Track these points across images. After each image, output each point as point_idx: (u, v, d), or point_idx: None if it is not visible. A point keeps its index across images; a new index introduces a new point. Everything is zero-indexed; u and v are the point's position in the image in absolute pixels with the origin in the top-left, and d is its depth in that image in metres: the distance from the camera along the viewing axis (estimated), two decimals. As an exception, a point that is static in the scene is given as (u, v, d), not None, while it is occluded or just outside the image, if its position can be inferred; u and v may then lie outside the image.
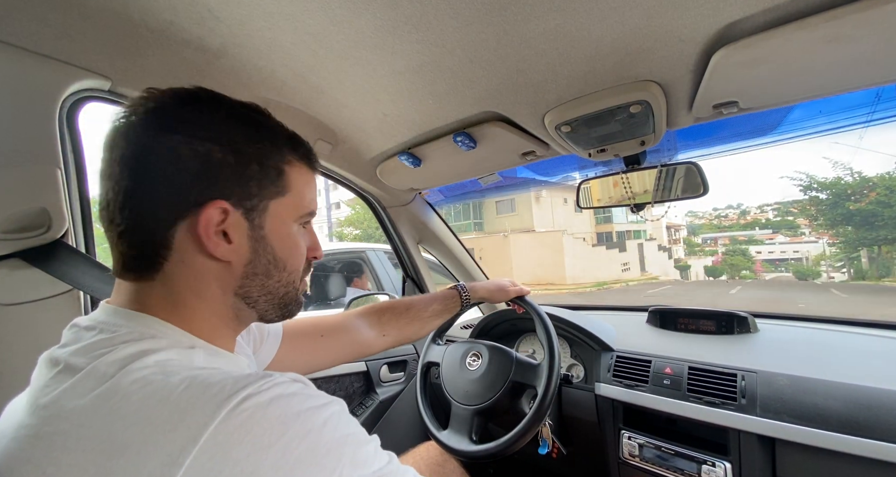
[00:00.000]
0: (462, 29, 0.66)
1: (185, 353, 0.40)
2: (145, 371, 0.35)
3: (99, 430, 0.32)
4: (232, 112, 0.45)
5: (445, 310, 1.04)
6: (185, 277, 0.43)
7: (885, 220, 18.17)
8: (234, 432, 0.32)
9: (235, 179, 0.43)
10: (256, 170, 0.44)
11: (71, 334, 0.41)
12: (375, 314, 0.95)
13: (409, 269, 1.66)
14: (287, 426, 0.33)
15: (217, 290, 0.45)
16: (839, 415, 0.77)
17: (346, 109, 0.98)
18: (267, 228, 0.46)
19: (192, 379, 0.34)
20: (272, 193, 0.46)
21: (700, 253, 38.91)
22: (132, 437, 0.31)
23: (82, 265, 0.76)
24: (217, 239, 0.42)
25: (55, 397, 0.35)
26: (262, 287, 0.47)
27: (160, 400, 0.33)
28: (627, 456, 1.02)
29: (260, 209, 0.45)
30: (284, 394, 0.35)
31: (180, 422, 0.32)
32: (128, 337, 0.39)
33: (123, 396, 0.33)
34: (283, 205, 0.47)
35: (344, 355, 0.88)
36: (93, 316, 0.43)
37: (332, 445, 0.35)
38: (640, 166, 1.09)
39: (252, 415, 0.33)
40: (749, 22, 0.61)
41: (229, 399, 0.33)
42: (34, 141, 0.73)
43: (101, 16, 0.67)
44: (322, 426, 0.35)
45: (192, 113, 0.42)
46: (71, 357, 0.37)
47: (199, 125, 0.42)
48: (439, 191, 1.63)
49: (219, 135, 0.42)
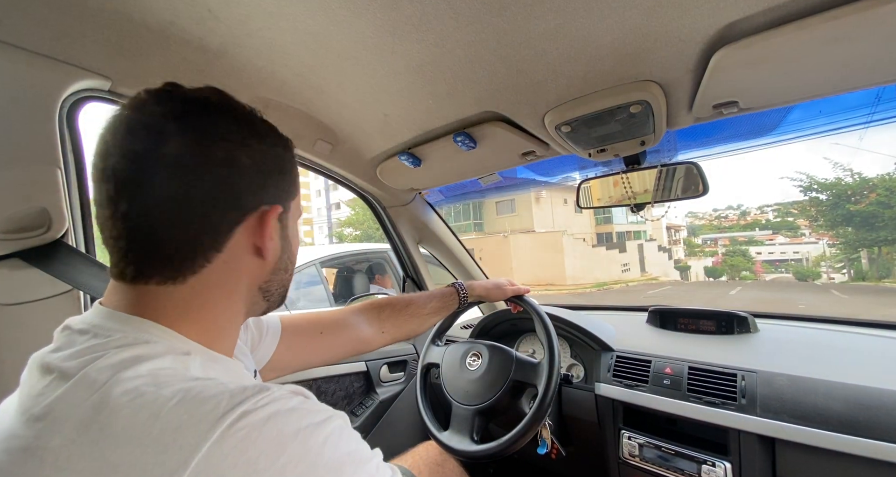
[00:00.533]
0: (462, 29, 0.66)
1: (179, 359, 0.38)
2: (137, 381, 0.34)
3: (89, 448, 0.31)
4: (250, 118, 0.45)
5: (444, 307, 1.05)
6: (223, 278, 0.43)
7: (886, 221, 18.15)
8: (227, 455, 0.30)
9: (281, 184, 0.47)
10: (287, 173, 0.48)
11: (64, 338, 0.40)
12: (374, 311, 0.95)
13: (409, 268, 1.66)
14: (284, 447, 0.32)
15: (244, 287, 0.46)
16: (839, 415, 0.77)
17: (346, 109, 0.98)
18: (290, 228, 0.50)
19: (186, 392, 0.33)
20: (293, 195, 0.49)
21: (700, 254, 38.92)
22: (122, 458, 0.30)
23: (82, 265, 0.76)
24: (271, 241, 0.45)
25: (47, 408, 0.33)
26: (280, 281, 0.50)
27: (151, 415, 0.32)
28: (627, 456, 1.02)
29: (286, 210, 0.48)
30: (282, 410, 0.34)
31: (171, 443, 0.30)
32: (121, 342, 0.37)
33: (112, 411, 0.32)
34: (296, 204, 0.50)
35: (343, 352, 0.88)
36: (86, 318, 0.41)
37: (332, 466, 0.34)
38: (640, 166, 1.09)
39: (248, 435, 0.31)
40: (749, 22, 0.61)
41: (224, 417, 0.32)
42: (34, 141, 0.73)
43: (101, 16, 0.67)
44: (322, 445, 0.34)
45: (228, 119, 0.43)
46: (63, 363, 0.36)
47: (235, 131, 0.42)
48: (439, 191, 1.63)
49: (252, 140, 0.43)
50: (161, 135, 0.38)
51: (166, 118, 0.39)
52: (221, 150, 0.40)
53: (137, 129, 0.38)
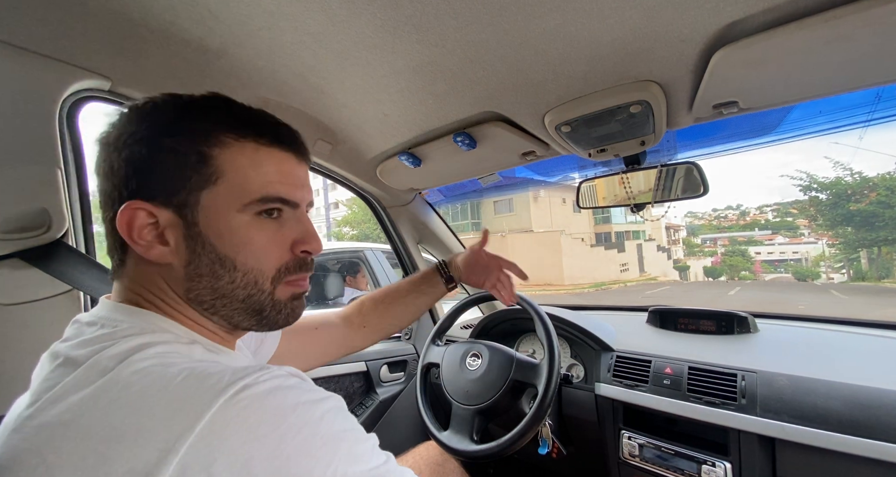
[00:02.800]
0: (462, 29, 0.66)
1: (184, 347, 0.40)
2: (145, 363, 0.35)
3: (99, 419, 0.32)
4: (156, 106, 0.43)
5: (426, 284, 0.96)
6: (140, 278, 0.43)
7: (886, 220, 18.06)
8: (230, 422, 0.32)
9: (157, 176, 0.40)
10: (172, 160, 0.40)
11: (73, 330, 0.41)
12: (356, 307, 0.93)
13: (409, 268, 1.66)
14: (284, 417, 0.33)
15: (173, 294, 0.43)
16: (839, 415, 0.77)
17: (346, 109, 0.98)
18: (202, 224, 0.41)
19: (191, 370, 0.35)
20: (199, 184, 0.41)
21: (699, 254, 38.91)
22: (130, 425, 0.32)
23: (82, 265, 0.76)
24: (146, 241, 0.40)
25: (58, 390, 0.35)
26: (212, 290, 0.43)
27: (159, 389, 0.33)
28: (627, 456, 1.02)
29: (191, 204, 0.41)
30: (282, 386, 0.35)
31: (178, 410, 0.32)
32: (129, 331, 0.39)
33: (123, 387, 0.34)
34: (216, 194, 0.41)
35: (331, 352, 0.87)
36: (94, 312, 0.43)
37: (329, 438, 0.35)
38: (640, 166, 1.09)
39: (249, 405, 0.33)
40: (749, 22, 0.61)
41: (226, 389, 0.33)
42: (34, 141, 0.73)
43: (101, 16, 0.67)
44: (319, 420, 0.35)
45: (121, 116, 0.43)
46: (72, 351, 0.38)
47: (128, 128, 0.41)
48: (439, 191, 1.63)
49: (139, 132, 0.41)
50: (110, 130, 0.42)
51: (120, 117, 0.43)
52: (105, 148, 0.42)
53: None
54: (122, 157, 0.41)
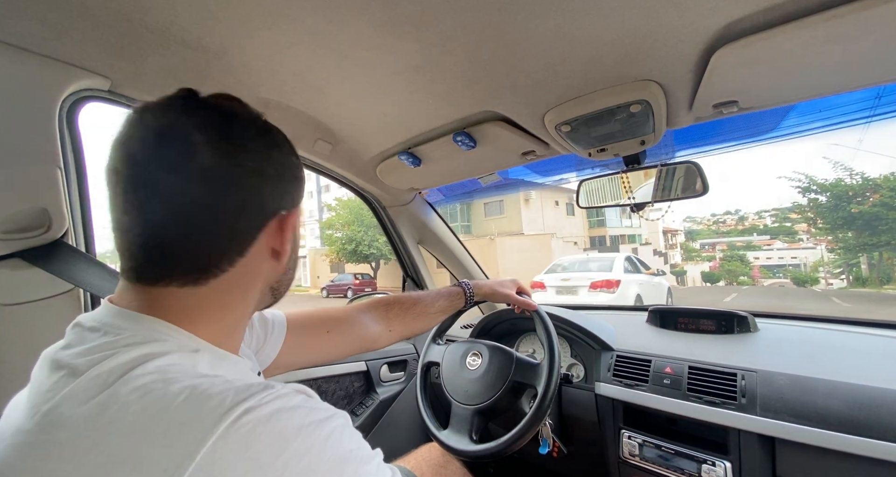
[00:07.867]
0: (462, 29, 0.66)
1: (188, 356, 0.39)
2: (145, 379, 0.34)
3: (97, 441, 0.31)
4: (267, 128, 0.47)
5: (451, 306, 1.04)
6: (242, 280, 0.45)
7: (890, 223, 17.14)
8: (232, 449, 0.31)
9: (295, 189, 0.48)
10: (301, 180, 0.50)
11: (74, 335, 0.40)
12: (382, 309, 0.95)
13: (410, 268, 1.66)
14: (288, 443, 0.33)
15: (259, 288, 0.48)
16: (839, 414, 0.77)
17: (346, 109, 0.98)
18: (297, 230, 0.51)
19: (193, 389, 0.34)
20: (300, 199, 0.51)
21: (697, 258, 38.81)
22: (129, 450, 0.31)
23: (83, 265, 0.76)
24: (287, 243, 0.47)
25: (55, 404, 0.34)
26: (288, 280, 0.53)
27: (158, 410, 0.32)
28: (627, 455, 1.02)
29: (299, 214, 0.50)
30: (286, 407, 0.35)
31: (178, 437, 0.31)
32: (131, 340, 0.38)
33: (122, 406, 0.33)
34: (300, 208, 0.52)
35: (349, 350, 0.89)
36: (96, 316, 0.42)
37: (334, 462, 0.34)
38: (640, 166, 1.09)
39: (252, 430, 0.32)
40: (749, 21, 0.61)
41: (229, 413, 0.32)
42: (34, 141, 0.73)
43: (101, 16, 0.67)
44: (324, 442, 0.34)
45: (252, 131, 0.44)
46: (74, 360, 0.37)
47: (259, 142, 0.44)
48: (439, 191, 1.63)
49: (273, 151, 0.46)
50: (192, 146, 0.39)
51: (197, 129, 0.39)
52: (249, 161, 0.42)
53: (169, 140, 0.39)
54: (267, 167, 0.44)
